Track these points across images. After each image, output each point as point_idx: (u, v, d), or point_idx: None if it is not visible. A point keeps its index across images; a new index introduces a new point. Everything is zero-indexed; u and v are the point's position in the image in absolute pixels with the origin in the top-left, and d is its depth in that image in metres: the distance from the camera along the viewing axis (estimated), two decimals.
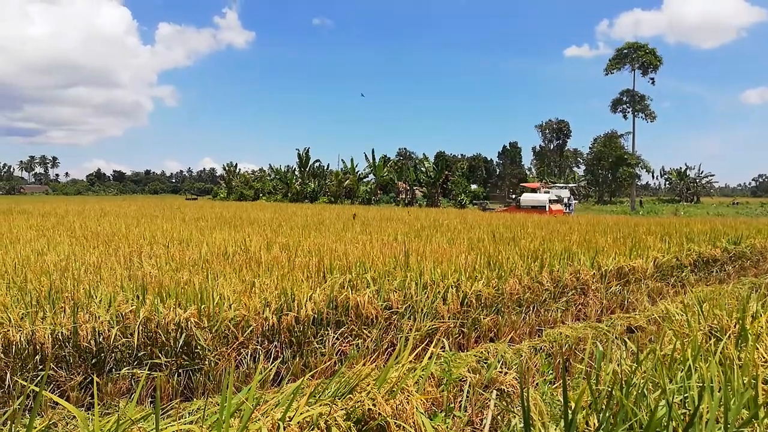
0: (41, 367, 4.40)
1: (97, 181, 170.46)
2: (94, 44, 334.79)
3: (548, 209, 43.32)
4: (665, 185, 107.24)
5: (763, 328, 4.65)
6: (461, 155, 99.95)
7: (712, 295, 7.63)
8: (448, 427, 3.59)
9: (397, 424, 3.14)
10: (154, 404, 4.29)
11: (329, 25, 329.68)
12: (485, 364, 4.89)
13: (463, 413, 3.92)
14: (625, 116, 66.14)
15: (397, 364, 3.65)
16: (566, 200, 50.32)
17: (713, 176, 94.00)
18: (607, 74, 65.64)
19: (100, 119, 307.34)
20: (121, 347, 4.67)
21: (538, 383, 4.50)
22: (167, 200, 67.11)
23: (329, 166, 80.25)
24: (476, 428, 3.90)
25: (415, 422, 3.21)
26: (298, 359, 5.20)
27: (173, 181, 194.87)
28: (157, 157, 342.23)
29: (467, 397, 4.14)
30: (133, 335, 4.68)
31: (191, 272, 6.94)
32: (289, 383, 4.62)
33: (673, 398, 2.95)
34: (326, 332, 5.50)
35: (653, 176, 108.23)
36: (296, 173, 79.23)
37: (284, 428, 2.84)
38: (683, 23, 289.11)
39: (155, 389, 4.51)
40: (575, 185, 73.11)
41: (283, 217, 22.62)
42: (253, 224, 17.34)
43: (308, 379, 3.65)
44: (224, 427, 2.66)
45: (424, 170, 67.68)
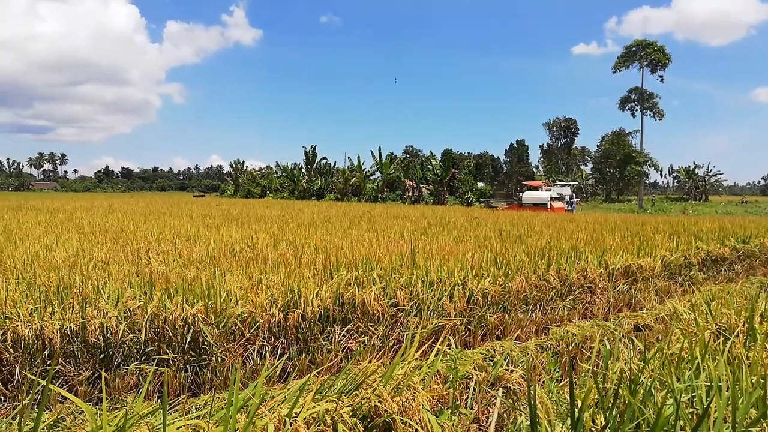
0: (50, 362, 4.43)
1: (105, 177, 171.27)
2: (103, 42, 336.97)
3: (550, 207, 43.44)
4: (673, 184, 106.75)
5: None
6: (468, 153, 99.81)
7: (720, 294, 7.59)
8: (454, 424, 3.59)
9: (403, 420, 3.14)
10: (161, 399, 4.32)
11: (337, 22, 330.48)
12: (491, 361, 4.89)
13: (469, 411, 3.92)
14: (633, 114, 65.75)
15: (403, 361, 3.65)
16: (568, 198, 50.43)
17: (722, 174, 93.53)
18: (615, 72, 65.28)
19: (109, 116, 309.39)
20: (128, 343, 4.69)
21: (544, 381, 4.49)
22: (175, 197, 67.38)
23: (336, 163, 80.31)
24: (482, 426, 3.90)
25: (421, 419, 3.22)
26: (304, 356, 5.21)
27: (181, 178, 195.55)
28: (164, 154, 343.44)
29: (473, 394, 4.14)
30: (140, 331, 4.71)
31: (198, 269, 6.97)
32: (295, 380, 4.63)
33: (680, 397, 2.93)
34: (332, 329, 5.50)
35: (661, 174, 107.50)
36: (303, 171, 79.30)
37: (291, 424, 2.85)
38: (692, 20, 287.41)
39: (162, 385, 4.54)
40: (576, 183, 72.90)
41: (289, 214, 22.66)
42: (260, 221, 17.38)
43: (314, 375, 3.66)
44: (231, 422, 2.67)
45: (430, 168, 67.55)
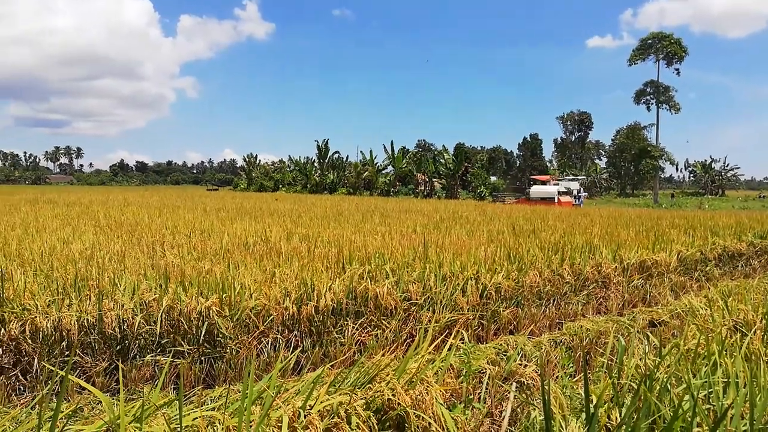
0: (67, 353, 4.50)
1: (120, 171, 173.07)
2: (117, 36, 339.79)
3: (557, 201, 43.45)
4: (689, 178, 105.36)
5: None
6: (481, 147, 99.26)
7: (737, 289, 7.49)
8: (467, 418, 3.59)
9: (416, 414, 3.15)
10: (177, 391, 4.37)
11: (349, 16, 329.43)
12: (505, 356, 4.88)
13: (482, 405, 3.92)
14: (648, 108, 65.01)
15: (416, 355, 3.66)
16: (575, 192, 50.38)
17: (739, 169, 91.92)
18: (630, 65, 64.48)
19: (124, 111, 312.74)
20: (144, 334, 4.75)
21: (558, 376, 4.47)
22: (189, 191, 67.87)
23: (348, 157, 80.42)
24: (495, 420, 3.89)
25: (434, 413, 3.22)
26: (317, 349, 5.23)
27: (194, 171, 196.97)
28: (178, 148, 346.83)
29: (486, 388, 4.13)
30: (156, 323, 4.76)
31: (213, 262, 7.02)
32: (308, 372, 4.66)
33: (698, 393, 2.91)
34: (345, 322, 5.52)
35: (677, 169, 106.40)
36: (315, 165, 79.48)
37: (305, 416, 2.87)
38: (709, 12, 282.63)
39: (178, 376, 4.59)
40: (584, 178, 72.39)
41: (302, 208, 22.73)
42: (272, 215, 17.46)
43: (328, 368, 3.67)
44: (246, 414, 2.69)
45: (443, 162, 67.36)
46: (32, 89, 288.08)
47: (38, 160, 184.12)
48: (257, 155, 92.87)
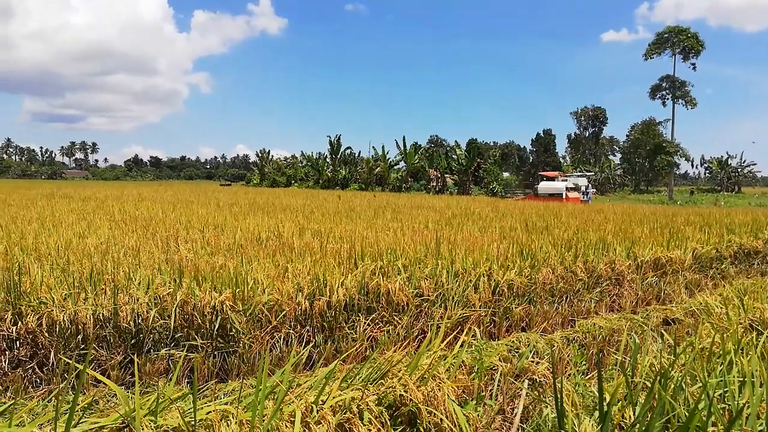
0: (83, 346, 4.56)
1: (134, 166, 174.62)
2: (132, 32, 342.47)
3: (565, 197, 43.48)
4: (705, 174, 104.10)
5: None
6: (494, 143, 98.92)
7: (753, 287, 7.40)
8: (479, 415, 3.59)
9: (428, 410, 3.16)
10: (190, 384, 4.41)
11: (362, 10, 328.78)
12: (517, 353, 4.87)
13: (494, 402, 3.92)
14: (664, 103, 64.32)
15: (428, 351, 3.66)
16: (584, 188, 50.33)
17: (755, 165, 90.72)
18: (646, 59, 63.77)
19: (138, 106, 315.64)
20: (159, 329, 4.80)
21: (570, 374, 4.45)
22: (202, 186, 68.35)
23: (360, 153, 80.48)
24: (507, 417, 3.89)
25: (446, 409, 3.22)
26: (329, 344, 5.26)
27: (208, 167, 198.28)
28: (192, 143, 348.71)
29: (498, 385, 4.13)
30: (170, 317, 4.80)
31: (226, 257, 7.07)
32: (321, 367, 4.68)
33: (713, 392, 2.88)
34: (357, 318, 5.54)
35: (692, 165, 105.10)
36: (327, 160, 79.61)
37: (317, 411, 2.89)
38: (727, 5, 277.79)
39: (192, 370, 4.63)
40: (592, 174, 71.97)
41: (314, 203, 22.79)
42: (285, 210, 17.52)
43: (340, 363, 3.69)
44: (260, 408, 2.71)
45: (455, 158, 67.15)
46: (48, 85, 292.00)
47: (54, 155, 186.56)
48: (270, 151, 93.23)
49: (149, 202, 21.29)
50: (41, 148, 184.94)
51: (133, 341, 4.72)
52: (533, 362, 4.58)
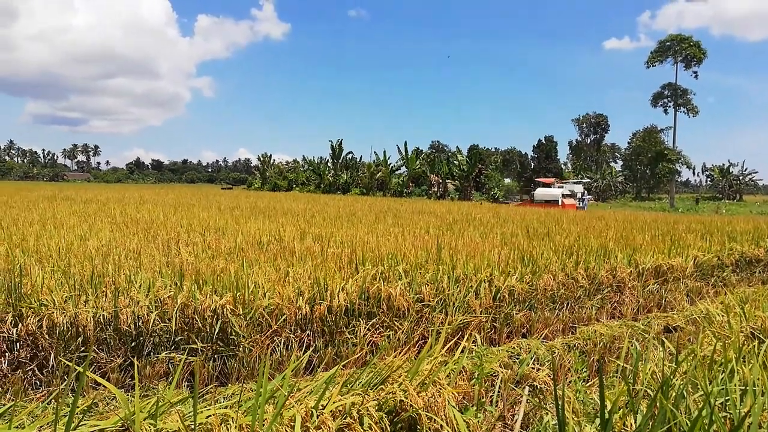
0: (83, 348, 4.55)
1: (136, 169, 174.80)
2: (135, 35, 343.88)
3: (561, 204, 43.67)
4: (706, 182, 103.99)
5: None
6: (495, 149, 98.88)
7: (754, 296, 7.39)
8: (479, 421, 3.58)
9: (428, 416, 3.15)
10: (191, 388, 4.40)
11: (365, 16, 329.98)
12: (517, 359, 4.85)
13: (494, 408, 3.90)
14: (666, 111, 64.50)
15: (428, 356, 3.65)
16: (580, 195, 50.58)
17: (757, 173, 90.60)
18: (648, 67, 64.00)
19: (140, 109, 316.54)
20: (159, 332, 4.79)
21: (571, 381, 4.44)
22: (203, 189, 68.38)
23: (362, 158, 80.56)
24: (507, 424, 3.87)
25: (446, 415, 3.21)
26: (330, 349, 5.25)
27: (209, 170, 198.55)
28: (194, 146, 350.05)
29: (499, 392, 4.11)
30: (170, 320, 4.80)
31: (227, 260, 7.06)
32: (321, 372, 4.67)
33: (714, 401, 2.87)
34: (358, 323, 5.53)
35: (694, 173, 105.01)
36: (329, 165, 79.72)
37: (317, 416, 2.88)
38: (730, 14, 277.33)
39: (192, 374, 4.62)
40: (588, 181, 72.14)
41: (316, 207, 22.80)
42: (286, 214, 17.53)
43: (340, 368, 3.68)
44: (260, 412, 2.71)
45: (456, 163, 67.19)
46: (50, 87, 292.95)
47: (56, 157, 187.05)
48: (271, 155, 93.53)
49: (151, 204, 21.30)
50: (43, 150, 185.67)
51: (133, 344, 4.71)
52: (534, 369, 4.56)
